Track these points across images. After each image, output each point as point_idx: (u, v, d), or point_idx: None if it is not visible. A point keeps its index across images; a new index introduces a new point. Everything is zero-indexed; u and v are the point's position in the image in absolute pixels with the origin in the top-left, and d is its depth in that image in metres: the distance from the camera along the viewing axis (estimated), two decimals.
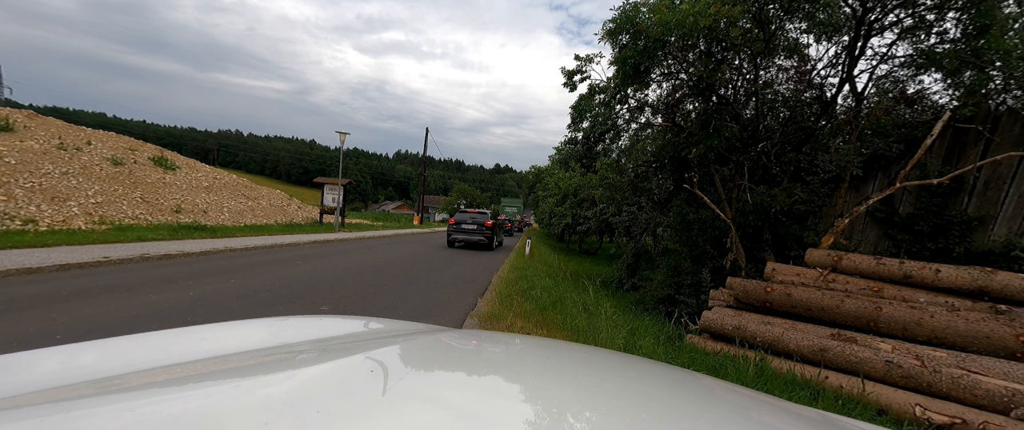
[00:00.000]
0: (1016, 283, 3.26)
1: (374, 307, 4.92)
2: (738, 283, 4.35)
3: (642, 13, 4.94)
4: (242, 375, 0.63)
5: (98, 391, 0.53)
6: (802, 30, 5.56)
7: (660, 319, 5.88)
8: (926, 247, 4.81)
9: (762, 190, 5.44)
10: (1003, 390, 2.55)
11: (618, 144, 7.97)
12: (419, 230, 24.65)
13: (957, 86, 4.91)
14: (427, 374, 0.69)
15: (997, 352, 2.92)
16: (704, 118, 5.52)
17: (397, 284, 6.41)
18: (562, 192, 18.81)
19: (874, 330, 3.42)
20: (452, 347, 0.89)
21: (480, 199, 49.35)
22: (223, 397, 0.52)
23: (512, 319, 4.49)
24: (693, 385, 0.83)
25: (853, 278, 4.08)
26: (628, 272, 10.04)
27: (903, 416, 2.72)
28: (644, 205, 9.01)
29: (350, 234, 15.21)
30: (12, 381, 0.53)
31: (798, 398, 2.83)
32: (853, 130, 5.27)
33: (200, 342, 0.80)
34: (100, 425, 0.42)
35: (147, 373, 0.61)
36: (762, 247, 5.69)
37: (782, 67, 6.10)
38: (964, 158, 4.82)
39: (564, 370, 0.83)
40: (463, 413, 0.52)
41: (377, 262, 8.71)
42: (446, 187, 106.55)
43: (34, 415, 0.44)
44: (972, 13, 4.42)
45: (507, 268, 9.13)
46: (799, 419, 0.70)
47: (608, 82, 6.26)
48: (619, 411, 0.61)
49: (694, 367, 3.36)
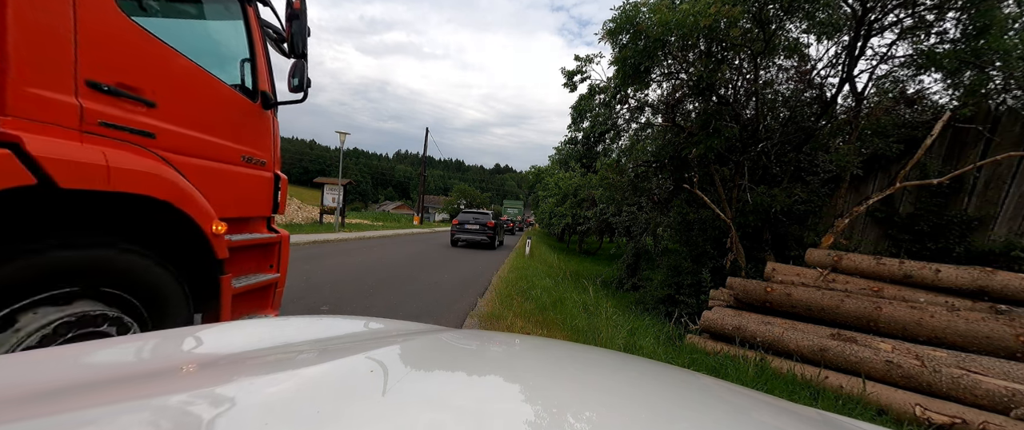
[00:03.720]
0: (1016, 283, 3.26)
1: (374, 307, 4.92)
2: (738, 283, 4.35)
3: (642, 13, 4.94)
4: (242, 375, 0.63)
5: (96, 393, 0.53)
6: (802, 30, 5.57)
7: (660, 319, 5.88)
8: (926, 247, 4.81)
9: (762, 190, 5.44)
10: (1003, 390, 2.55)
11: (618, 144, 7.97)
12: (419, 230, 24.65)
13: (957, 86, 4.91)
14: (427, 374, 0.69)
15: (997, 352, 2.92)
16: (704, 118, 5.52)
17: (397, 284, 6.42)
18: (562, 192, 18.82)
19: (874, 330, 3.42)
20: (452, 347, 0.89)
21: (480, 199, 49.35)
22: (223, 397, 0.52)
23: (512, 319, 4.49)
24: (693, 385, 0.83)
25: (853, 278, 4.08)
26: (628, 272, 10.04)
27: (903, 416, 2.72)
28: (644, 205, 9.01)
29: (350, 234, 15.21)
30: (12, 382, 0.54)
31: (798, 398, 2.83)
32: (853, 130, 5.27)
33: (200, 342, 0.80)
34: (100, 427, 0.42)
35: (147, 374, 0.61)
36: (762, 247, 5.69)
37: (782, 67, 6.10)
38: (964, 158, 4.82)
39: (564, 370, 0.83)
40: (463, 413, 0.52)
41: (377, 262, 8.71)
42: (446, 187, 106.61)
43: (32, 416, 0.44)
44: (972, 13, 4.43)
45: (507, 268, 9.14)
46: (799, 419, 0.70)
47: (608, 82, 6.27)
48: (619, 411, 0.61)
49: (694, 367, 3.36)
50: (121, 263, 1.66)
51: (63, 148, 1.44)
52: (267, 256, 2.59)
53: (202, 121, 2.07)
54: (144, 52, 1.78)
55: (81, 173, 1.45)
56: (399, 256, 10.17)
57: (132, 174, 1.61)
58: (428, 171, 49.24)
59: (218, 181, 2.14)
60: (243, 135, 2.36)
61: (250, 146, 2.41)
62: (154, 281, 1.79)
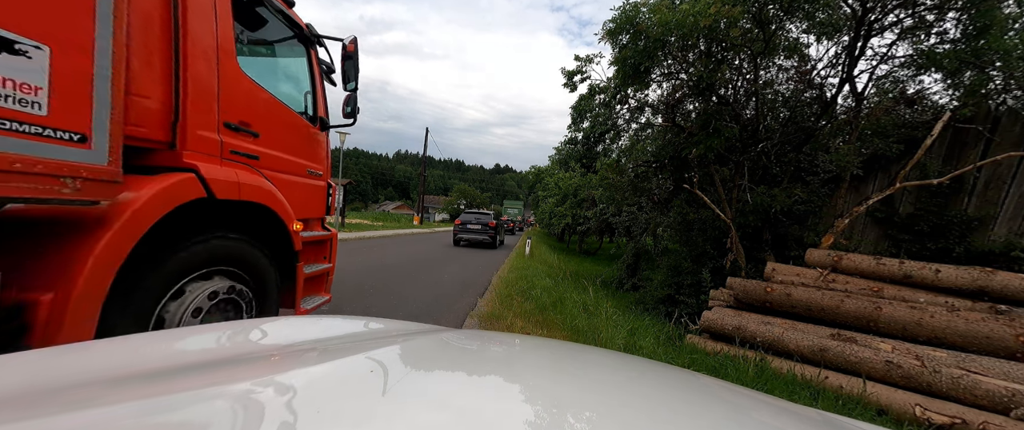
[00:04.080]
0: (1016, 283, 3.26)
1: (373, 307, 4.92)
2: (738, 283, 4.35)
3: (642, 13, 4.95)
4: (243, 375, 0.63)
5: (94, 394, 0.53)
6: (802, 30, 5.57)
7: (660, 319, 5.88)
8: (926, 247, 4.81)
9: (762, 190, 5.44)
10: (1003, 390, 2.55)
11: (618, 144, 7.98)
12: (419, 230, 24.64)
13: (957, 86, 4.91)
14: (427, 374, 0.69)
15: (997, 352, 2.92)
16: (704, 118, 5.52)
17: (397, 284, 6.42)
18: (562, 192, 18.82)
19: (874, 330, 3.42)
20: (452, 347, 0.89)
21: (480, 199, 49.36)
22: (223, 398, 0.51)
23: (512, 319, 4.49)
24: (693, 385, 0.83)
25: (853, 278, 4.08)
26: (628, 272, 10.03)
27: (903, 416, 2.72)
28: (644, 205, 9.00)
29: (350, 234, 15.20)
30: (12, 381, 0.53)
31: (798, 398, 2.83)
32: (853, 130, 5.27)
33: (200, 343, 0.80)
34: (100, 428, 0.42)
35: (146, 374, 0.61)
36: (762, 247, 5.69)
37: (782, 67, 6.11)
38: (964, 158, 4.82)
39: (564, 370, 0.83)
40: (463, 413, 0.52)
41: (377, 262, 8.71)
42: (446, 187, 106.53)
43: (29, 417, 0.44)
44: (972, 13, 4.42)
45: (507, 268, 9.14)
46: (799, 419, 0.70)
47: (608, 82, 6.27)
48: (619, 411, 0.61)
49: (694, 367, 3.36)
50: (240, 251, 2.23)
51: (217, 171, 2.05)
52: (321, 250, 3.15)
53: (284, 144, 2.68)
54: (250, 95, 2.39)
55: (227, 188, 2.07)
56: (399, 256, 10.16)
57: (251, 188, 2.23)
58: (428, 171, 49.27)
59: (294, 190, 2.71)
60: (308, 153, 2.96)
61: (312, 161, 3.01)
62: (259, 265, 2.35)
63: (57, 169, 1.35)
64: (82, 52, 1.40)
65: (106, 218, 1.57)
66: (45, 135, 1.32)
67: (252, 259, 2.31)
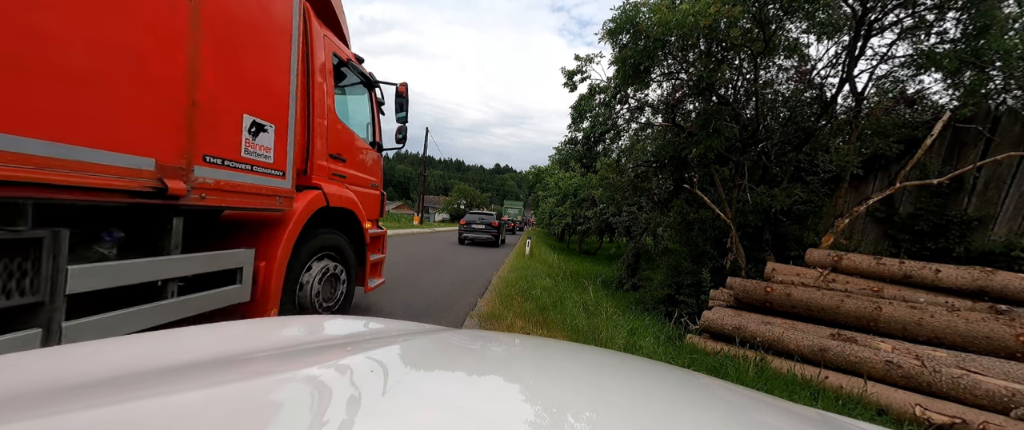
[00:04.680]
0: (1016, 283, 3.26)
1: (373, 307, 4.92)
2: (738, 283, 4.35)
3: (642, 13, 4.95)
4: (243, 375, 0.63)
5: (93, 394, 0.53)
6: (802, 30, 5.57)
7: (660, 319, 5.88)
8: (926, 247, 4.81)
9: (762, 190, 5.44)
10: (1003, 390, 2.55)
11: (618, 144, 7.97)
12: (419, 230, 24.62)
13: (957, 86, 4.91)
14: (427, 374, 0.69)
15: (997, 352, 2.92)
16: (704, 118, 5.52)
17: (397, 285, 6.41)
18: (562, 192, 18.83)
19: (874, 330, 3.42)
20: (452, 347, 0.89)
21: (480, 199, 49.37)
22: (223, 398, 0.51)
23: (512, 319, 4.49)
24: (693, 385, 0.83)
25: (853, 278, 4.08)
26: (628, 272, 10.03)
27: (903, 416, 2.72)
28: (644, 205, 9.00)
29: None
30: (12, 381, 0.53)
31: (798, 398, 2.83)
32: (853, 130, 5.27)
33: (200, 342, 0.80)
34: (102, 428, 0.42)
35: (146, 375, 0.61)
36: (762, 247, 5.69)
37: (782, 67, 6.10)
38: (964, 158, 4.82)
39: (564, 370, 0.83)
40: (463, 413, 0.52)
41: None
42: (446, 187, 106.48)
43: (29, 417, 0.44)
44: (972, 13, 4.42)
45: (507, 268, 9.13)
46: (799, 419, 0.70)
47: (608, 82, 6.27)
48: (619, 411, 0.61)
49: (694, 367, 3.36)
50: (336, 242, 3.24)
51: (330, 188, 3.09)
52: (377, 243, 4.16)
53: (358, 165, 3.73)
54: (341, 131, 3.45)
55: (336, 199, 3.10)
56: (399, 256, 10.16)
57: (346, 198, 3.27)
58: (428, 171, 49.24)
59: (363, 199, 3.65)
60: (371, 170, 4.04)
61: (373, 176, 4.10)
62: (347, 252, 3.37)
63: (275, 191, 2.38)
64: (284, 125, 2.42)
65: (286, 218, 2.59)
66: (270, 173, 2.33)
67: (343, 248, 3.31)
